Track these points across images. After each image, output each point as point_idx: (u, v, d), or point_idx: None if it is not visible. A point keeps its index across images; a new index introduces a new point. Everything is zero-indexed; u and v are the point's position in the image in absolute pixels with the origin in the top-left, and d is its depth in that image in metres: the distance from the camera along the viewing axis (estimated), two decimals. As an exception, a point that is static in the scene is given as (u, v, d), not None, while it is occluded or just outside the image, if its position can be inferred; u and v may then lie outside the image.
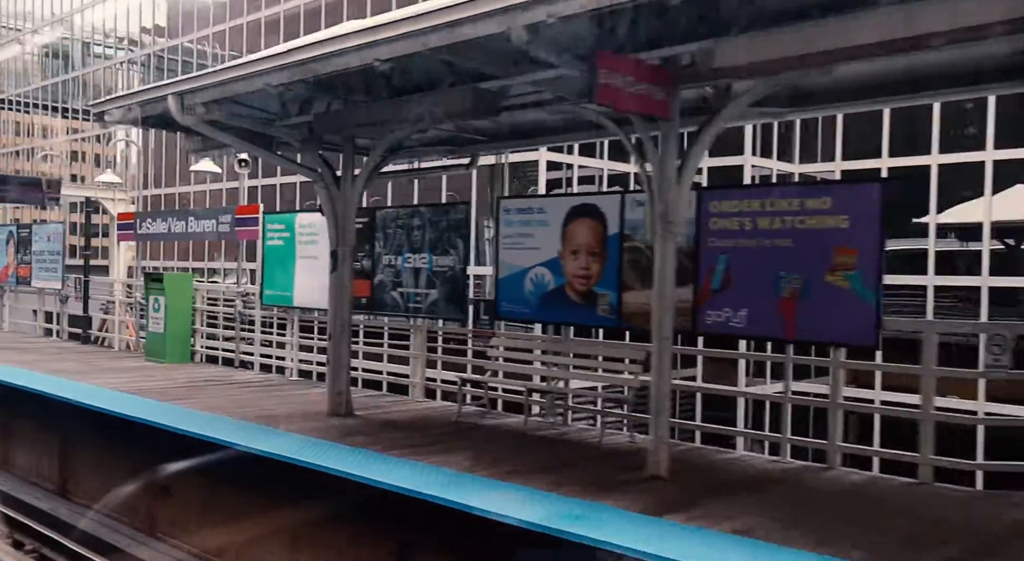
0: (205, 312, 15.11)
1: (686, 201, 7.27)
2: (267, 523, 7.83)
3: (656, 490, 6.69)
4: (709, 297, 8.39)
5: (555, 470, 7.21)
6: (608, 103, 5.94)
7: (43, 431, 11.21)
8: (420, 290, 11.17)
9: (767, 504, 6.41)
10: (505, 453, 7.99)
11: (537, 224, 9.82)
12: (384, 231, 11.66)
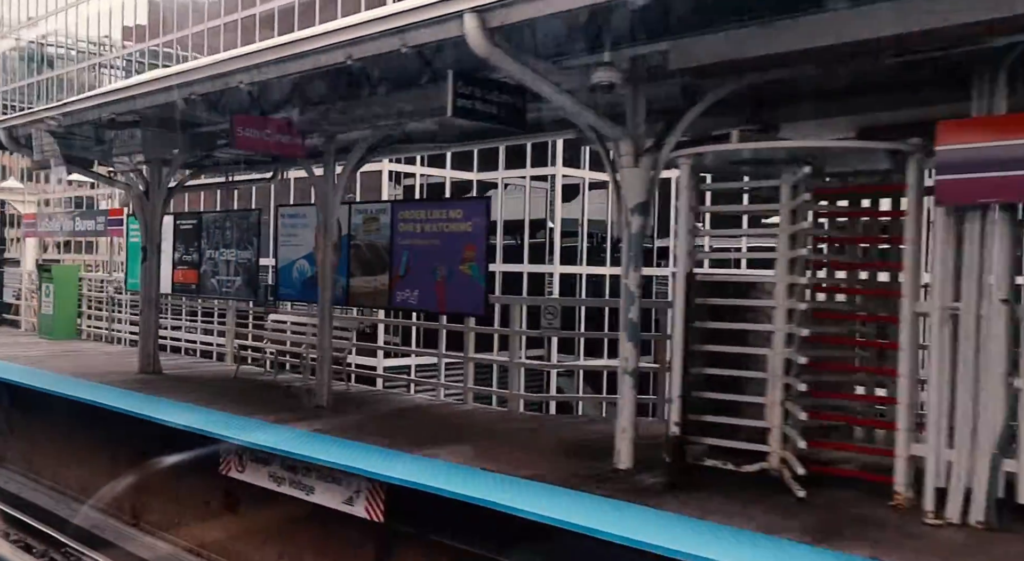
0: (91, 297, 18.10)
1: (336, 216, 10.26)
2: (77, 443, 10.88)
3: (320, 413, 9.59)
4: (398, 281, 11.39)
5: (263, 405, 10.05)
6: (246, 149, 8.93)
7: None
8: (229, 277, 14.15)
9: (381, 417, 9.39)
10: (238, 395, 10.91)
11: (301, 226, 12.77)
12: (207, 231, 14.64)
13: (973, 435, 5.68)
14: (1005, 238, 5.57)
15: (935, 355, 5.82)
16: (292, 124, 9.19)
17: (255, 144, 8.99)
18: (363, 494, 6.98)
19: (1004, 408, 5.58)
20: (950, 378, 5.78)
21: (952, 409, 5.77)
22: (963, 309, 5.74)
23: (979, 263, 5.67)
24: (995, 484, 5.58)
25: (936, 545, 5.38)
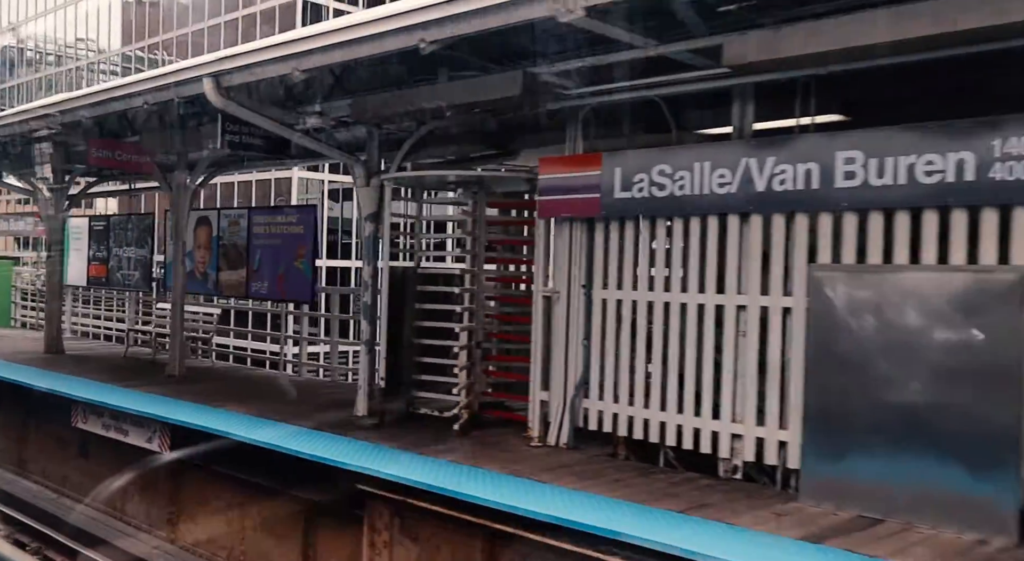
0: (24, 290, 20.31)
1: (185, 222, 12.48)
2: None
3: (171, 381, 11.78)
4: (253, 275, 13.61)
5: (127, 375, 12.19)
6: (100, 166, 11.15)
7: None
8: (130, 272, 16.37)
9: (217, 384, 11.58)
10: (114, 369, 13.09)
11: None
12: (114, 231, 16.85)
13: (564, 383, 7.92)
14: (580, 241, 7.82)
15: (536, 326, 8.07)
16: (140, 145, 11.42)
17: (108, 162, 11.23)
18: (157, 433, 9.21)
19: (581, 363, 7.82)
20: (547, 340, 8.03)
21: (551, 364, 8.02)
22: (560, 292, 7.98)
23: (568, 259, 7.91)
24: (575, 417, 7.82)
25: (529, 457, 7.55)
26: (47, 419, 11.27)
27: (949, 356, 5.56)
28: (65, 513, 10.62)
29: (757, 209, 6.59)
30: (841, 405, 5.99)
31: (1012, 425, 5.31)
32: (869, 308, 5.90)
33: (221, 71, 7.97)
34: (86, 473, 10.89)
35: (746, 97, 6.78)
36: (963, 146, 5.57)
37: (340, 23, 6.89)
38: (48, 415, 11.39)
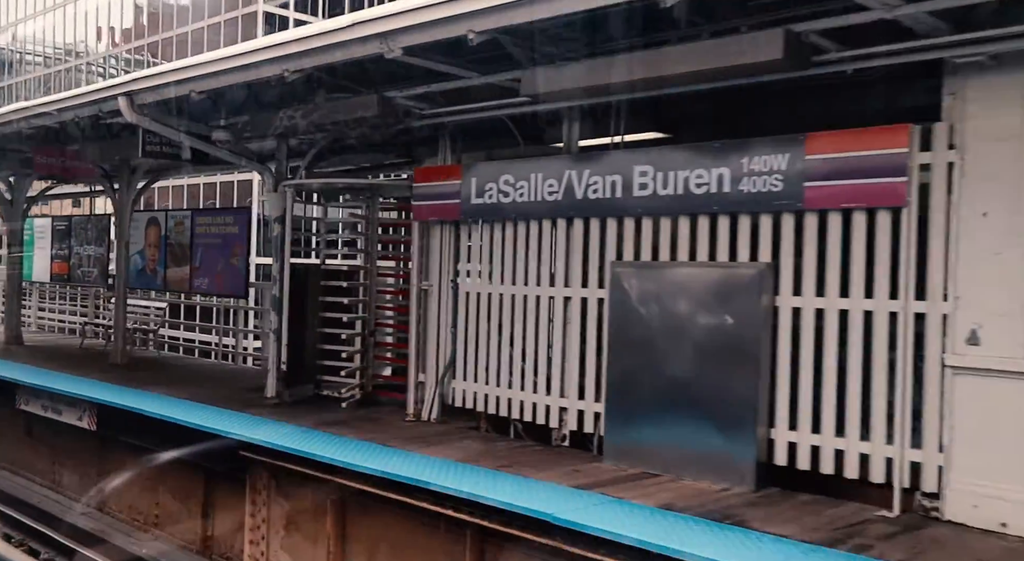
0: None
1: (128, 223, 13.57)
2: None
3: (113, 369, 12.86)
4: (196, 272, 14.70)
5: (76, 364, 13.27)
6: (45, 173, 12.23)
7: None
8: (89, 269, 17.44)
9: (156, 372, 12.65)
10: (67, 359, 14.17)
11: (137, 228, 16.05)
12: (75, 231, 17.93)
13: (436, 366, 9.02)
14: (448, 241, 8.92)
15: (412, 316, 9.17)
16: (83, 153, 12.51)
17: (53, 169, 12.31)
18: (86, 412, 10.30)
19: (449, 347, 8.92)
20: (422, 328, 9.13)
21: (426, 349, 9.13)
22: (433, 285, 9.08)
23: (439, 257, 9.02)
24: (444, 395, 8.92)
25: (395, 429, 8.59)
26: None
27: (708, 337, 6.67)
28: (13, 489, 11.72)
29: (577, 214, 7.69)
30: (632, 380, 7.09)
31: (751, 394, 6.42)
32: (653, 298, 7.00)
33: (133, 91, 9.06)
34: (30, 450, 11.97)
35: (572, 118, 7.89)
36: (722, 163, 6.67)
37: (222, 54, 8.00)
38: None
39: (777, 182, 6.38)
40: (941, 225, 5.77)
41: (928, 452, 5.81)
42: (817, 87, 6.64)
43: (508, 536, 6.00)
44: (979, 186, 5.60)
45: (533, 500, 5.94)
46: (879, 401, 6.01)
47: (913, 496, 5.88)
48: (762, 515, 5.73)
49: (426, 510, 6.48)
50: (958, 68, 5.65)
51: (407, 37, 6.40)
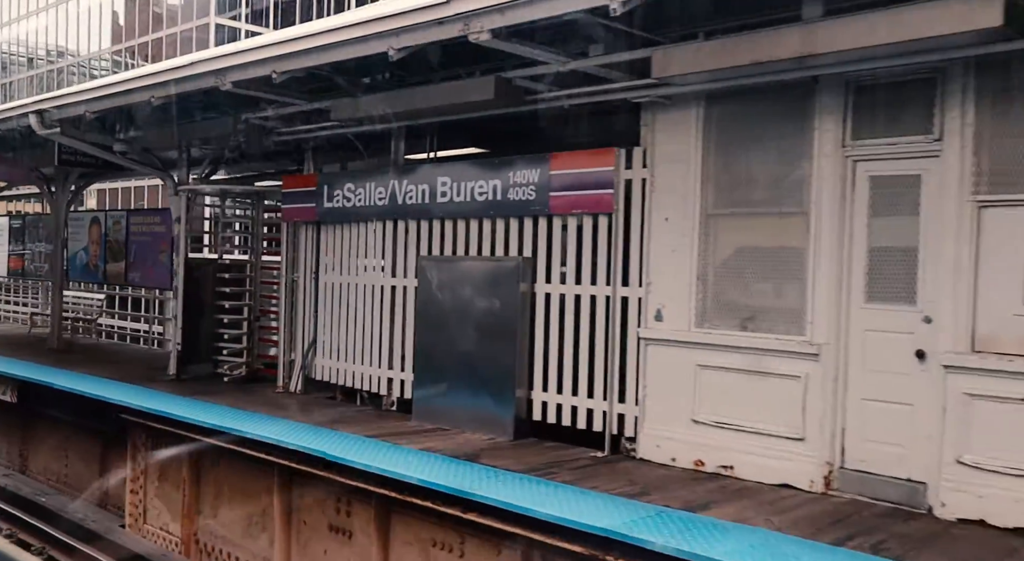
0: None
1: (64, 222, 15.09)
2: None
3: (48, 353, 14.38)
4: (130, 267, 16.23)
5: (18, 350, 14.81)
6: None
7: None
8: (41, 264, 18.96)
9: (85, 355, 14.17)
10: (9, 344, 15.71)
11: (80, 226, 17.60)
12: (28, 229, 19.45)
13: (302, 346, 10.57)
14: (310, 239, 10.46)
15: (281, 302, 10.72)
16: (18, 159, 14.04)
17: None
18: (9, 388, 11.83)
19: (312, 329, 10.47)
20: (292, 313, 10.68)
21: (295, 332, 10.67)
22: (300, 277, 10.62)
23: (303, 253, 10.56)
24: (307, 369, 10.46)
25: (261, 398, 10.07)
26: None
27: (483, 318, 8.22)
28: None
29: (399, 217, 9.24)
30: (431, 354, 8.65)
31: (511, 363, 7.98)
32: (447, 286, 8.55)
33: (42, 109, 10.59)
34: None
35: (399, 137, 9.44)
36: (497, 176, 8.23)
37: (106, 81, 9.54)
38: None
39: (532, 192, 7.94)
40: (638, 228, 7.33)
41: (629, 406, 7.37)
42: (584, 114, 8.17)
43: (303, 472, 7.54)
44: (662, 197, 7.16)
45: (325, 445, 7.47)
46: (599, 367, 7.57)
47: (621, 440, 7.44)
48: (494, 455, 7.27)
49: (252, 456, 8.02)
50: (648, 105, 7.21)
51: (233, 74, 7.96)
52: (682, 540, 5.03)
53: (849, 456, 6.26)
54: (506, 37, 6.06)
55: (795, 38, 5.44)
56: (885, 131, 6.05)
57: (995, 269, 5.60)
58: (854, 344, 6.24)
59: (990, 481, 5.52)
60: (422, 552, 6.72)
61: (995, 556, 4.99)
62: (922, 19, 4.94)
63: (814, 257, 6.33)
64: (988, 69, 5.54)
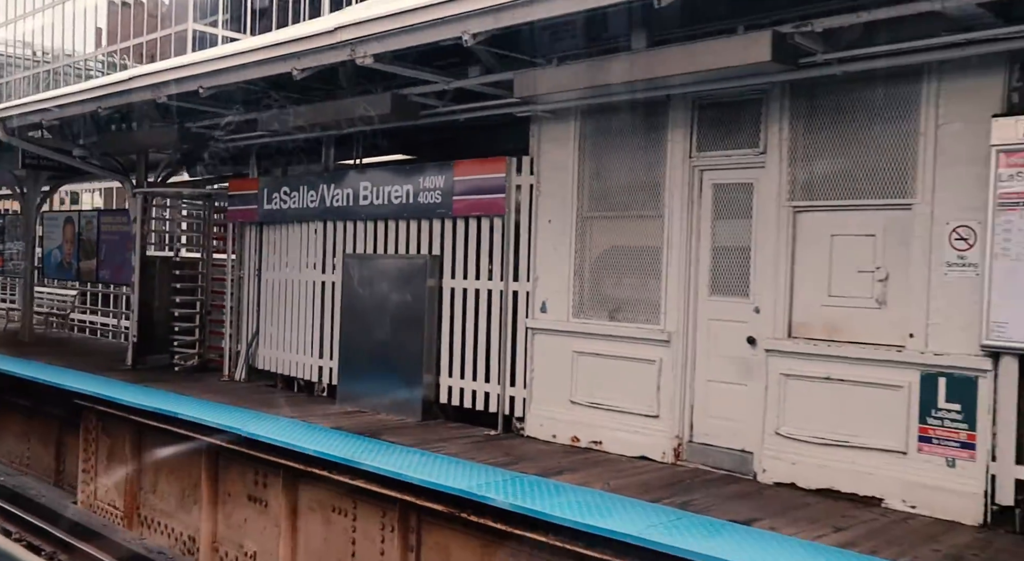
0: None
1: (35, 222, 15.89)
2: None
3: (18, 345, 15.17)
4: (101, 264, 17.03)
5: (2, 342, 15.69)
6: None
7: None
8: (19, 262, 19.75)
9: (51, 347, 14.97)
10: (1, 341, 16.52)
11: (56, 226, 18.40)
12: (8, 229, 20.22)
13: (246, 335, 11.37)
14: (254, 239, 11.26)
15: (227, 298, 11.53)
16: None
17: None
18: (-24, 376, 12.62)
19: (255, 321, 11.27)
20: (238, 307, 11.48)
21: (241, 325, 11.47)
22: (245, 274, 11.43)
23: (247, 252, 11.36)
24: (249, 359, 11.27)
25: (206, 385, 10.91)
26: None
27: (397, 310, 9.03)
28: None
29: (328, 218, 10.05)
30: (353, 343, 9.46)
31: (419, 351, 8.79)
32: (367, 281, 9.36)
33: (4, 117, 11.40)
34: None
35: (328, 144, 10.25)
36: (409, 181, 9.04)
37: (52, 93, 10.36)
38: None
39: (439, 196, 8.76)
40: (527, 228, 8.14)
41: (519, 389, 8.19)
42: (495, 125, 8.97)
43: (227, 449, 8.33)
44: (547, 201, 7.98)
45: (245, 425, 8.28)
46: (494, 354, 8.39)
47: (512, 420, 8.26)
48: (397, 433, 8.07)
49: (184, 435, 8.83)
50: (535, 118, 8.02)
51: (168, 89, 8.77)
52: (520, 498, 5.84)
53: (696, 431, 7.09)
54: (389, 60, 6.88)
55: (623, 65, 6.26)
56: (723, 144, 6.88)
57: (807, 266, 6.43)
58: (700, 332, 7.06)
59: (800, 450, 6.34)
60: (323, 516, 7.54)
61: (782, 508, 5.80)
62: (710, 53, 5.77)
63: (667, 255, 7.15)
64: (798, 92, 6.36)
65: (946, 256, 5.71)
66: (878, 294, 6.10)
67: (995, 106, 5.49)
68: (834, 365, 6.20)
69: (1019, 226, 5.34)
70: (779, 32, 5.48)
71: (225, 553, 8.59)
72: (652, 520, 5.40)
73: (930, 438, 5.75)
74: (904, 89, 5.89)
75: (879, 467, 5.96)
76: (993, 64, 5.50)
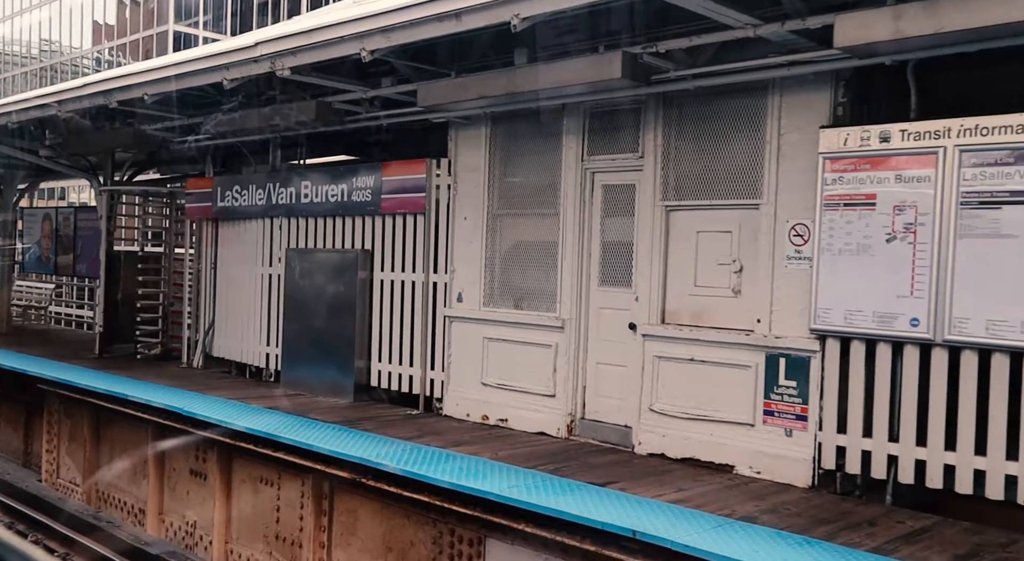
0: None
1: (11, 219, 16.61)
2: None
3: None
4: (78, 259, 17.74)
5: None
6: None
7: None
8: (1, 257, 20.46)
9: (28, 336, 15.68)
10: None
11: (34, 222, 19.11)
12: (-11, 224, 20.92)
13: (204, 325, 12.09)
14: (210, 234, 11.97)
15: (184, 290, 12.25)
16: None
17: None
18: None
19: (211, 312, 11.99)
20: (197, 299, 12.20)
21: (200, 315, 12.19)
22: (203, 267, 12.15)
23: (204, 246, 12.07)
24: (206, 348, 11.99)
25: (163, 372, 11.62)
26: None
27: (332, 300, 9.75)
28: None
29: (274, 215, 10.77)
30: (294, 331, 10.18)
31: (351, 338, 9.51)
32: (306, 273, 10.09)
33: (-24, 119, 12.11)
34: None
35: (275, 146, 10.96)
36: (344, 181, 9.76)
37: (26, 95, 11.07)
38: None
39: (369, 195, 9.48)
40: (445, 225, 8.87)
41: (438, 372, 8.92)
42: (423, 130, 9.68)
43: (177, 429, 9.05)
44: (462, 200, 8.70)
45: (186, 405, 9.00)
46: (417, 340, 9.12)
47: (432, 401, 8.99)
48: (325, 412, 8.79)
49: (135, 416, 9.55)
50: (453, 123, 8.74)
51: (118, 95, 9.49)
52: (411, 465, 6.57)
53: (588, 408, 7.82)
54: (307, 72, 7.60)
55: (504, 79, 6.99)
56: (610, 149, 7.60)
57: (677, 259, 7.16)
58: (591, 319, 7.79)
59: (669, 424, 7.07)
60: (253, 487, 8.27)
61: (642, 474, 6.53)
62: (570, 70, 6.50)
63: (562, 249, 7.88)
64: (669, 103, 7.09)
65: (786, 250, 6.44)
66: (734, 284, 6.83)
67: (824, 119, 6.21)
68: (697, 348, 6.93)
69: (839, 224, 6.07)
70: (628, 53, 6.20)
71: (170, 523, 9.32)
72: (517, 482, 6.12)
73: (772, 412, 6.48)
74: (753, 102, 6.61)
75: (731, 438, 6.69)
76: (823, 82, 6.23)
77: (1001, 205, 5.38)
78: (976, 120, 5.45)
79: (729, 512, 5.58)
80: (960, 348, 5.60)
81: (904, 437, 5.85)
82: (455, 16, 5.86)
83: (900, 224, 5.80)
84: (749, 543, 4.92)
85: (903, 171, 5.78)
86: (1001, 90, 5.57)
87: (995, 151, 5.37)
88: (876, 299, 5.90)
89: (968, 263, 5.51)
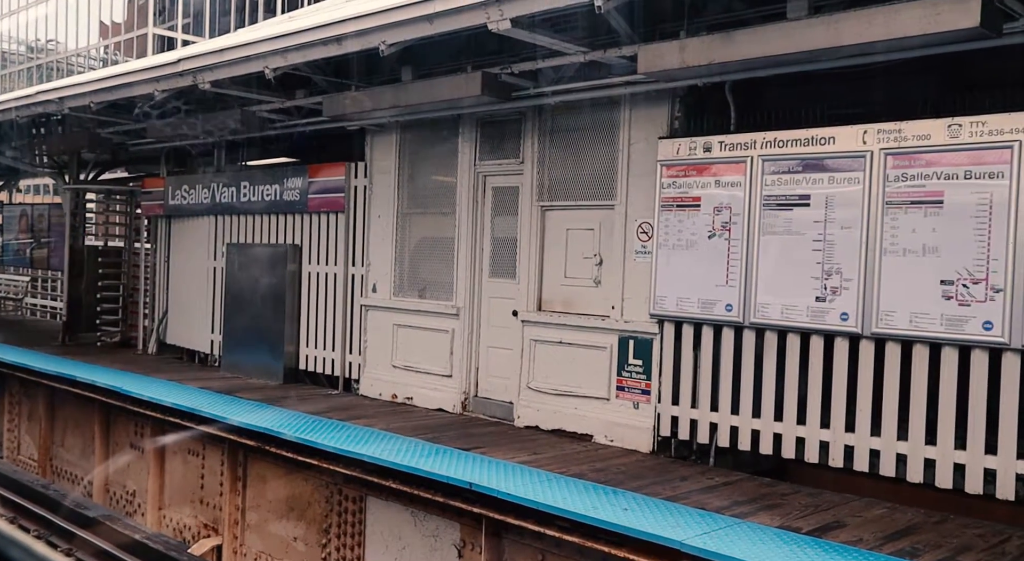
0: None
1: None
2: None
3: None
4: (51, 253, 18.60)
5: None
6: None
7: None
8: (-20, 251, 21.32)
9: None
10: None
11: (10, 218, 19.96)
12: (-30, 219, 21.78)
13: (158, 314, 12.97)
14: (164, 230, 12.85)
15: (142, 282, 13.12)
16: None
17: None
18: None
19: (165, 302, 12.86)
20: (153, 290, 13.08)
21: (155, 305, 13.07)
22: (158, 262, 13.02)
23: (158, 241, 12.95)
24: (160, 336, 12.87)
25: (123, 357, 12.52)
26: None
27: (266, 291, 10.64)
28: None
29: (218, 212, 11.65)
30: (233, 320, 11.07)
31: (282, 326, 10.41)
32: (244, 267, 10.97)
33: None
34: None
35: (220, 147, 11.84)
36: (276, 182, 10.65)
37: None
38: None
39: (298, 194, 10.37)
40: (362, 222, 9.75)
41: (355, 356, 9.81)
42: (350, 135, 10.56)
43: (119, 408, 9.94)
44: (376, 200, 9.59)
45: (125, 384, 9.88)
46: (338, 327, 10.01)
47: (351, 382, 9.88)
48: (253, 392, 9.68)
49: (84, 396, 10.44)
50: (369, 129, 9.62)
51: (70, 102, 10.36)
52: (305, 433, 7.46)
53: (480, 387, 8.72)
54: (228, 86, 8.48)
55: (392, 93, 7.88)
56: (498, 155, 8.49)
57: (552, 253, 8.05)
58: (483, 307, 8.68)
59: (543, 399, 7.97)
60: (182, 458, 9.16)
61: (508, 441, 7.42)
62: (441, 86, 7.39)
63: (458, 245, 8.77)
64: (543, 115, 7.98)
65: (635, 246, 7.33)
66: (595, 275, 7.72)
67: (663, 131, 7.10)
68: (566, 331, 7.82)
69: (673, 222, 6.96)
70: (488, 73, 7.09)
71: (114, 493, 10.22)
72: (393, 447, 7.02)
73: (624, 387, 7.38)
74: (609, 115, 7.50)
75: (591, 411, 7.59)
76: (663, 98, 7.12)
77: (792, 207, 6.27)
78: (774, 134, 6.34)
79: (564, 471, 6.47)
80: (763, 329, 6.50)
81: (722, 407, 6.75)
82: (336, 41, 6.75)
83: (719, 223, 6.70)
84: (561, 492, 5.81)
85: (721, 177, 6.68)
86: (796, 107, 6.46)
87: (787, 160, 6.27)
88: (700, 288, 6.80)
89: (767, 257, 6.41)
